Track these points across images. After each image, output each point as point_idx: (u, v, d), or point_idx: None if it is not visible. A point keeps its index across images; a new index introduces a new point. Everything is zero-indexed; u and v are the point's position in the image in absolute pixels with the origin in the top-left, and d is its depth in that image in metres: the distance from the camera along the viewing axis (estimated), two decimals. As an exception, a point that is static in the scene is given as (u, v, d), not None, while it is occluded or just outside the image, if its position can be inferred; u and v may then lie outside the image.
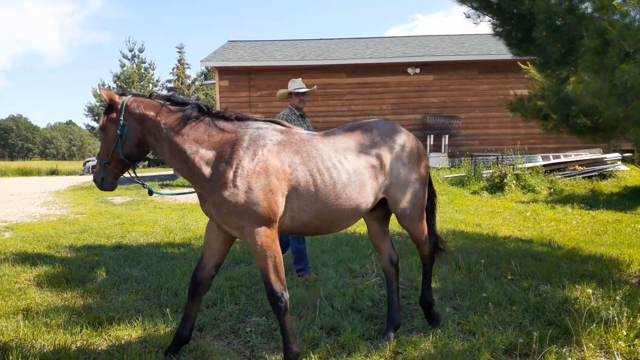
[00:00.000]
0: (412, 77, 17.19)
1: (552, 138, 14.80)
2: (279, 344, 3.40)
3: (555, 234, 7.13)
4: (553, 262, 5.32)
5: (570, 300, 4.08)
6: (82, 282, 4.81)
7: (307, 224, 3.12)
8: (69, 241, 6.82)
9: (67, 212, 10.28)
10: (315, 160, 3.08)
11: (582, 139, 6.42)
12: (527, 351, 3.22)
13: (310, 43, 20.40)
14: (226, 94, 17.30)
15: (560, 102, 5.70)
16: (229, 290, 4.45)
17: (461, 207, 9.74)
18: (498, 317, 3.75)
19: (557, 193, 11.28)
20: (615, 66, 3.51)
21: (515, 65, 15.26)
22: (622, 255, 5.74)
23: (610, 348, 3.24)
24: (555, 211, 9.29)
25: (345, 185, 3.10)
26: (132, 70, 31.67)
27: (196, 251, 6.09)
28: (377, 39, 21.57)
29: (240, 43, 20.80)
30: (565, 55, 4.26)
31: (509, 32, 5.03)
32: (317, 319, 3.75)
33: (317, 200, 3.04)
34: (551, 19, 4.12)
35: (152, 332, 3.60)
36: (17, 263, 5.54)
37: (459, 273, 4.98)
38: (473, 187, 11.91)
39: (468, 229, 7.52)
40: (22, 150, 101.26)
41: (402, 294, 4.36)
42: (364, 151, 3.26)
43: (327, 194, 3.05)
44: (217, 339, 3.54)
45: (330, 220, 3.15)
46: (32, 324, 3.68)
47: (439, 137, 16.83)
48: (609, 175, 12.95)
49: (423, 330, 3.60)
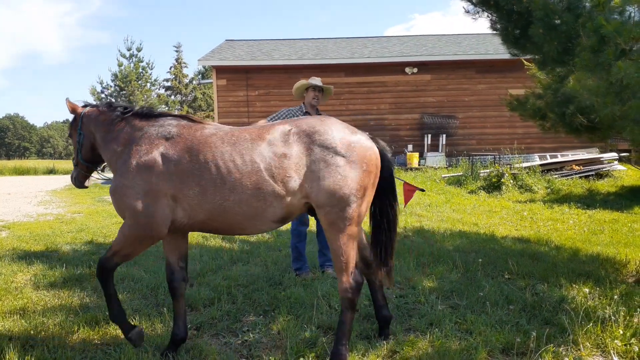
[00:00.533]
0: (409, 77, 17.21)
1: (549, 138, 14.85)
2: (277, 343, 3.40)
3: (552, 234, 7.15)
4: (550, 262, 5.33)
5: (567, 300, 4.09)
6: (79, 281, 4.80)
7: (205, 223, 3.02)
8: (66, 240, 6.80)
9: (64, 211, 10.26)
10: (205, 157, 2.93)
11: (579, 138, 6.44)
12: (524, 350, 3.23)
13: (308, 42, 20.40)
14: (224, 93, 17.28)
15: (558, 100, 5.72)
16: (226, 289, 4.45)
17: (458, 206, 9.75)
18: (495, 316, 3.76)
19: (554, 192, 11.30)
20: (611, 64, 3.50)
21: (513, 65, 15.41)
22: (618, 254, 5.76)
23: (606, 347, 3.25)
24: (553, 211, 9.31)
25: (235, 185, 2.88)
26: (129, 70, 31.56)
27: (193, 250, 6.09)
28: (375, 38, 21.59)
29: (237, 42, 20.78)
30: (562, 53, 4.27)
31: (507, 29, 5.04)
32: (315, 318, 3.74)
33: (205, 200, 2.91)
34: (548, 16, 4.12)
35: (150, 331, 3.59)
36: (14, 262, 5.52)
37: (456, 272, 4.98)
38: (470, 186, 11.93)
39: (465, 229, 7.53)
40: (19, 149, 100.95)
41: (399, 294, 4.37)
42: (273, 150, 2.92)
43: (214, 193, 2.90)
44: (215, 338, 3.53)
45: (227, 223, 2.98)
46: (28, 324, 3.67)
47: (436, 136, 16.86)
48: (605, 175, 12.99)
49: (420, 330, 3.60)
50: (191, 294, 4.27)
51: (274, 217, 2.99)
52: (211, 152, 2.94)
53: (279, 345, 3.37)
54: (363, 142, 3.02)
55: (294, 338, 3.39)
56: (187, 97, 43.98)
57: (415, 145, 16.85)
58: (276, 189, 2.89)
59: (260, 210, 2.92)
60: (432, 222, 8.06)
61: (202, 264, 5.35)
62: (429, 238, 6.71)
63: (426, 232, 7.16)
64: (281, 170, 2.90)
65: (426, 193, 11.15)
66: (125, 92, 30.70)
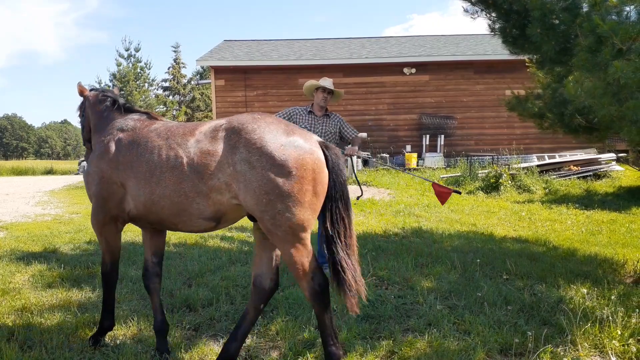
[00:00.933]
0: (408, 77, 17.23)
1: (547, 138, 14.90)
2: (275, 344, 3.40)
3: (550, 234, 7.16)
4: (548, 262, 5.34)
5: (565, 300, 4.10)
6: (77, 282, 4.79)
7: (145, 216, 3.05)
8: (64, 241, 6.79)
9: (62, 211, 10.24)
10: (141, 150, 3.00)
11: (577, 138, 6.47)
12: (522, 350, 3.23)
13: (306, 43, 20.42)
14: (222, 94, 17.29)
15: (556, 101, 5.74)
16: (225, 290, 4.44)
17: (457, 207, 9.76)
18: (493, 317, 3.76)
19: (552, 193, 11.32)
20: (608, 64, 3.51)
21: (511, 65, 15.46)
22: (616, 255, 5.77)
23: (604, 347, 3.26)
24: (551, 211, 9.33)
25: (160, 179, 2.88)
26: (127, 70, 31.54)
27: (192, 250, 6.08)
28: (373, 38, 21.61)
29: (236, 42, 20.79)
30: (560, 53, 4.28)
31: (505, 29, 5.06)
32: (313, 319, 3.74)
33: (139, 192, 2.97)
34: (546, 16, 4.13)
35: (148, 332, 3.59)
36: (12, 263, 5.51)
37: (455, 272, 4.99)
38: (468, 187, 11.94)
39: (463, 229, 7.54)
40: (17, 150, 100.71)
41: (397, 294, 4.37)
42: (199, 146, 2.83)
43: (145, 186, 2.94)
44: (213, 339, 3.53)
45: (159, 217, 2.98)
46: (27, 324, 3.66)
47: (434, 137, 16.89)
48: (603, 176, 13.02)
49: (419, 330, 3.60)
50: (189, 294, 4.27)
51: (201, 215, 2.88)
52: (146, 146, 3.01)
53: (277, 346, 3.37)
54: (298, 144, 2.72)
55: (292, 339, 3.40)
56: (186, 98, 43.95)
57: (413, 145, 16.87)
58: (198, 186, 2.80)
59: (182, 206, 2.87)
60: (430, 222, 8.07)
61: (200, 265, 5.34)
62: (427, 238, 6.71)
63: (424, 233, 7.17)
64: (203, 167, 2.78)
65: (424, 193, 11.17)
66: (124, 92, 30.67)
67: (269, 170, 2.62)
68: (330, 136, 5.16)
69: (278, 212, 2.64)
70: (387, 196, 10.98)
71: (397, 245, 6.26)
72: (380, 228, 7.46)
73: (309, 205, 2.71)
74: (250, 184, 2.65)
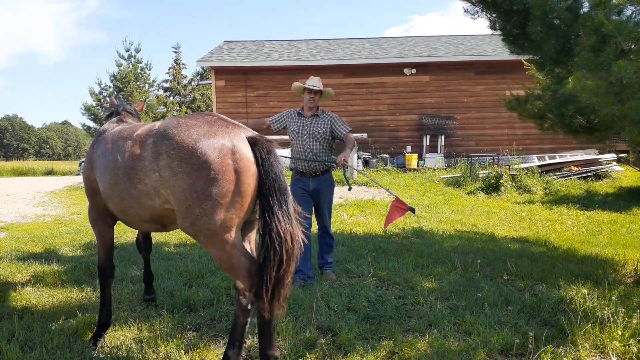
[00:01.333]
0: (408, 78, 17.23)
1: (547, 139, 14.89)
2: (276, 345, 3.39)
3: (550, 234, 7.15)
4: (549, 262, 5.34)
5: (566, 300, 4.10)
6: (78, 283, 4.79)
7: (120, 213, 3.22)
8: (65, 241, 6.79)
9: (62, 212, 10.24)
10: (101, 151, 3.25)
11: (578, 139, 6.47)
12: (523, 351, 3.23)
13: (307, 43, 20.42)
14: (222, 94, 17.29)
15: (557, 101, 5.74)
16: (225, 290, 4.44)
17: (457, 207, 9.75)
18: (494, 317, 3.76)
19: (553, 193, 11.32)
20: (611, 63, 3.50)
21: (512, 66, 15.44)
22: (617, 255, 5.76)
23: (605, 348, 3.25)
24: (551, 211, 9.32)
25: (105, 181, 3.13)
26: (128, 70, 31.51)
27: (192, 251, 6.08)
28: (373, 39, 21.61)
29: (236, 43, 20.80)
30: (560, 53, 4.28)
31: (506, 28, 5.05)
32: (314, 320, 3.74)
33: (103, 192, 3.22)
34: (547, 14, 4.12)
35: (148, 332, 3.58)
36: (12, 263, 5.51)
37: (455, 273, 4.99)
38: (469, 187, 11.93)
39: (464, 229, 7.53)
40: (17, 151, 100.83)
41: (398, 294, 4.36)
42: (132, 150, 2.89)
43: (102, 185, 3.19)
44: (213, 339, 3.52)
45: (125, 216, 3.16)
46: (27, 325, 3.66)
47: (435, 137, 16.88)
48: (604, 176, 13.01)
49: (419, 330, 3.60)
50: (190, 295, 4.27)
51: (141, 218, 2.98)
52: (104, 148, 3.23)
53: (278, 347, 3.36)
54: (217, 145, 2.63)
55: (293, 339, 3.39)
56: (186, 98, 43.96)
57: (414, 146, 16.86)
58: (130, 189, 2.87)
59: (123, 208, 3.02)
60: (430, 223, 8.06)
61: (201, 265, 5.34)
62: (428, 239, 6.71)
63: (425, 233, 7.16)
64: (133, 171, 2.85)
65: (425, 194, 11.16)
66: (124, 93, 30.66)
67: (189, 175, 2.60)
68: (319, 136, 4.91)
69: (196, 217, 2.61)
70: (387, 197, 10.97)
71: (398, 245, 6.26)
72: (380, 228, 7.46)
73: (231, 206, 2.63)
74: (174, 190, 2.66)
